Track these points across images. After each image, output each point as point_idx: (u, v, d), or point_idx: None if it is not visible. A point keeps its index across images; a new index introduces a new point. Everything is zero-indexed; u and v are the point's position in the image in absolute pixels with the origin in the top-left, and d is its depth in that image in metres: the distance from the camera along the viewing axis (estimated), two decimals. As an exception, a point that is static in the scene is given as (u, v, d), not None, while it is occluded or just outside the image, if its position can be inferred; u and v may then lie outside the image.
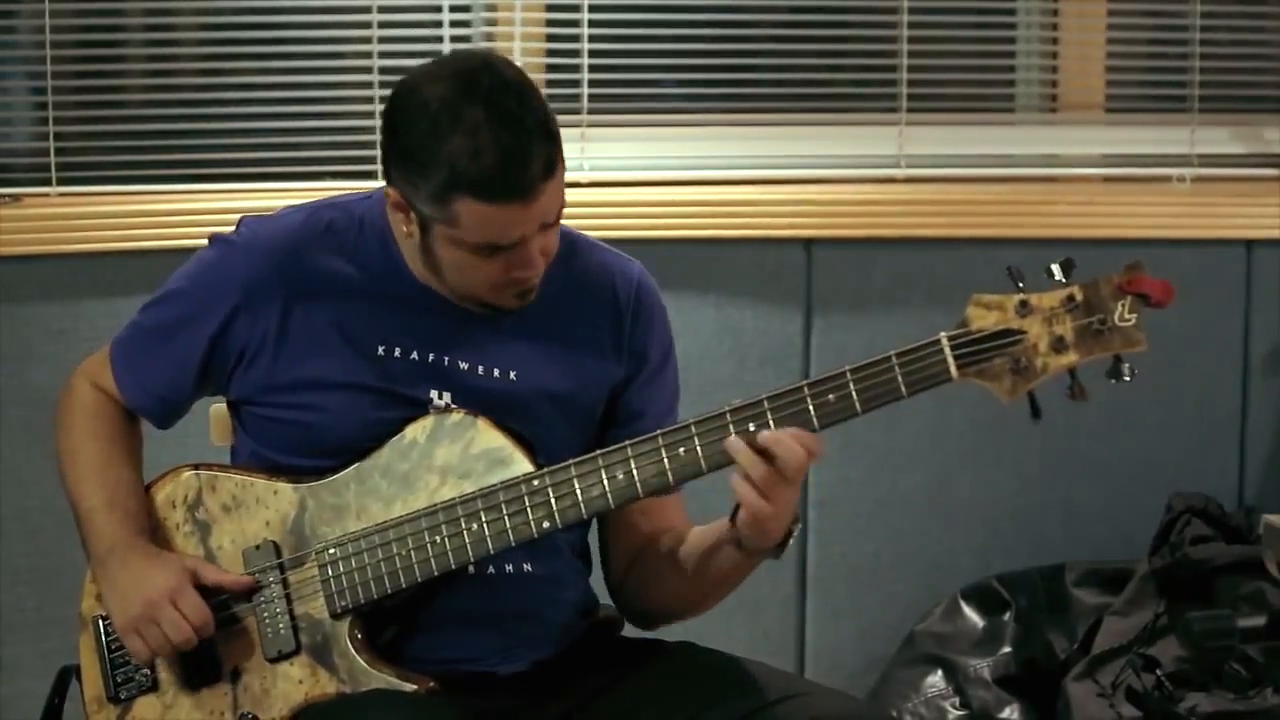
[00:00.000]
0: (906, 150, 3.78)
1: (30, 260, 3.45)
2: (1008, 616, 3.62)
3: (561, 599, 2.47)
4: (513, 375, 2.42)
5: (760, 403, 2.25)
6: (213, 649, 2.40)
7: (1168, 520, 3.56)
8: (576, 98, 3.65)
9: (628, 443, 2.28)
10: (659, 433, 2.27)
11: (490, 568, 2.39)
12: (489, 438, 2.35)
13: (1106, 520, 3.77)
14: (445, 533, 2.33)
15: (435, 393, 2.41)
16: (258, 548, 2.40)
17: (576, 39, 3.66)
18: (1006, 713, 3.51)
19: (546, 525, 2.31)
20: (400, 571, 2.34)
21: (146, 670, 2.44)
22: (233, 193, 3.54)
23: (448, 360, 2.41)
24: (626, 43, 3.69)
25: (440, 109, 2.27)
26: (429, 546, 2.33)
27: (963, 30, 3.87)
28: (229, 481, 2.45)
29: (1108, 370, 2.21)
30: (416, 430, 2.38)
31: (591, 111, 3.67)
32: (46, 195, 3.51)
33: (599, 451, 2.30)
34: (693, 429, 2.26)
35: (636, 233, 3.41)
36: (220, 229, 2.51)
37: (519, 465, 2.33)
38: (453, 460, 2.36)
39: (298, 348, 2.42)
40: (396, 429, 2.38)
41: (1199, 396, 3.81)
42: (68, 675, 2.55)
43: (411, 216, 2.35)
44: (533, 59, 3.65)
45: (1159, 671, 3.31)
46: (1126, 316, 2.19)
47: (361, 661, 2.36)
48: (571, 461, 2.30)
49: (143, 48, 3.66)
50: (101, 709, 2.47)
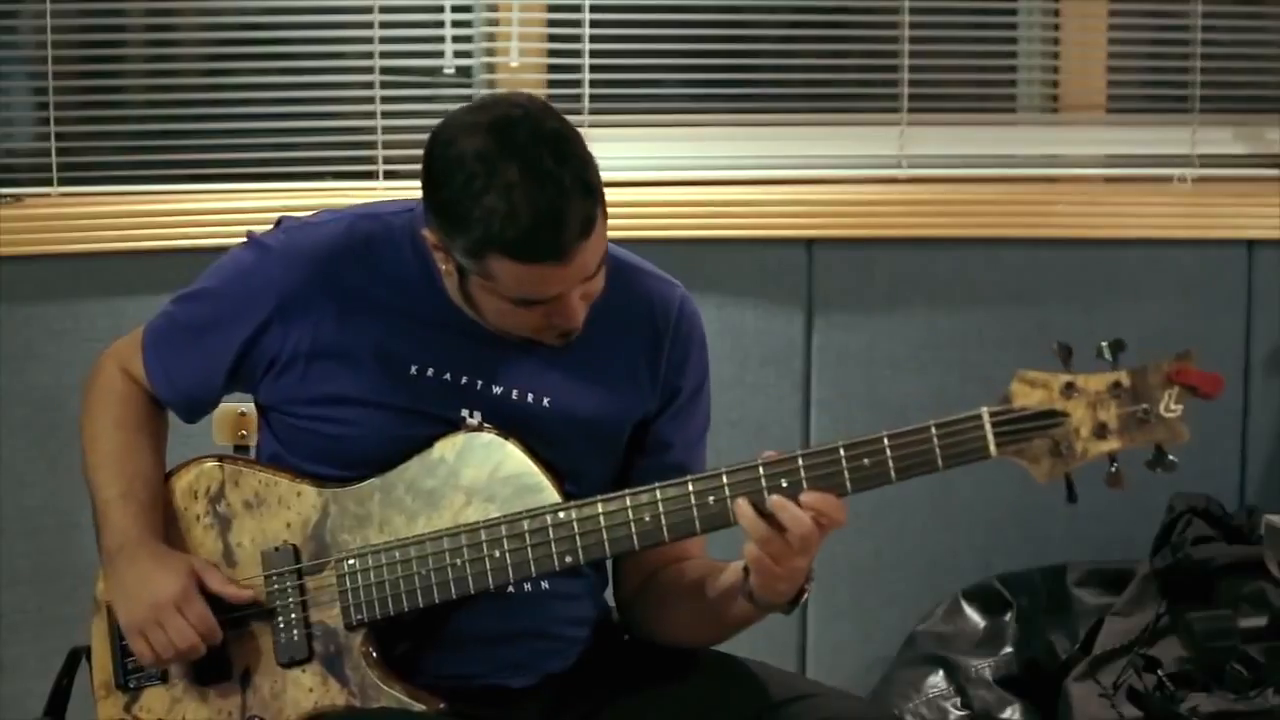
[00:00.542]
0: (908, 150, 3.78)
1: (31, 260, 3.45)
2: (1009, 617, 3.63)
3: (577, 615, 2.46)
4: (546, 401, 2.40)
5: (795, 459, 2.22)
6: (224, 648, 2.39)
7: (1169, 521, 3.55)
8: (577, 98, 3.65)
9: (657, 485, 2.26)
10: (690, 479, 2.25)
11: (510, 587, 2.36)
12: (518, 462, 2.34)
13: (1108, 521, 3.76)
14: (467, 556, 2.31)
15: (466, 411, 2.39)
16: (277, 550, 2.39)
17: (578, 39, 3.66)
18: (1008, 713, 3.51)
19: (569, 560, 2.29)
20: (419, 591, 2.33)
21: (154, 663, 2.44)
22: (234, 193, 3.54)
23: (480, 384, 2.39)
24: (627, 43, 3.68)
25: (476, 165, 2.21)
26: (449, 569, 2.32)
27: (964, 30, 3.87)
28: (253, 478, 2.43)
29: (1148, 460, 2.17)
30: (446, 447, 2.36)
31: (592, 111, 3.66)
32: (48, 195, 3.51)
33: (627, 491, 2.27)
34: (724, 479, 2.23)
35: (638, 232, 3.40)
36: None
37: (546, 494, 2.32)
38: (480, 481, 2.34)
39: (330, 363, 2.39)
40: (426, 446, 2.37)
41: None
42: (77, 657, 2.54)
43: (450, 259, 2.31)
44: (533, 59, 3.65)
45: (1160, 672, 3.31)
46: (1172, 408, 2.15)
47: (373, 676, 2.35)
48: (599, 499, 2.28)
49: (144, 48, 3.65)
50: (109, 695, 2.46)
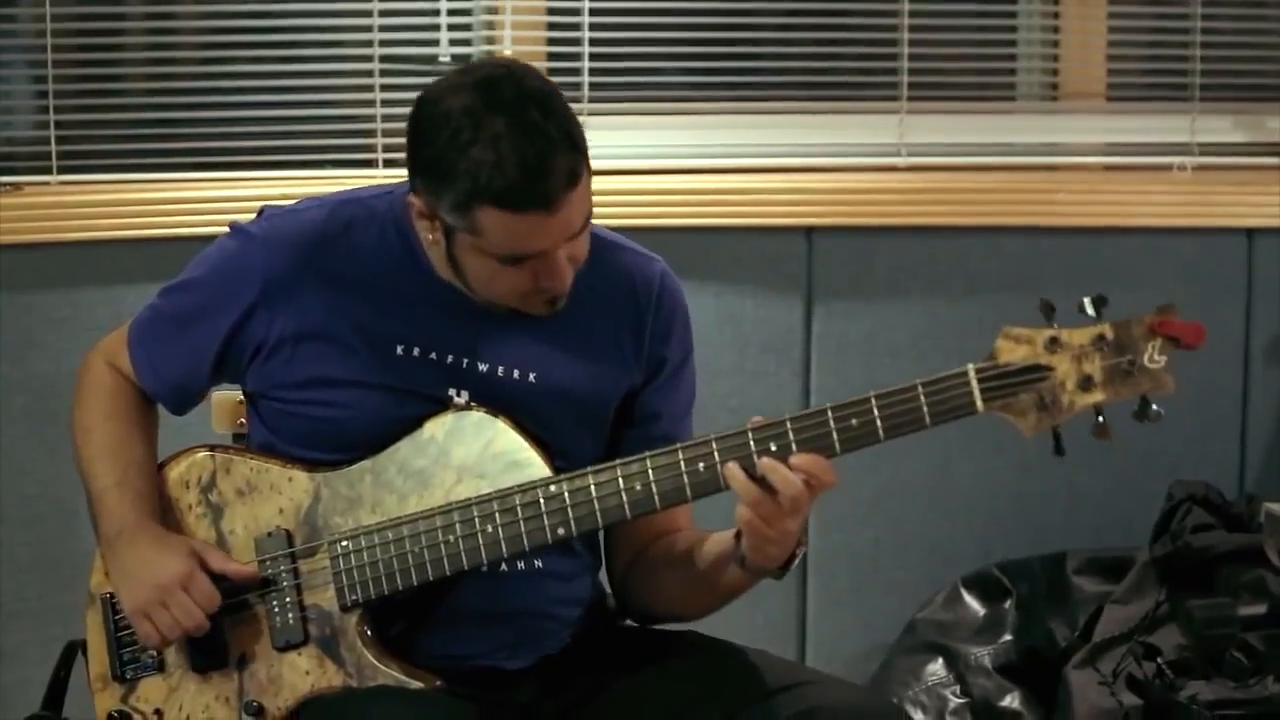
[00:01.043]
0: (907, 138, 3.78)
1: (31, 249, 3.45)
2: (1009, 604, 3.63)
3: (572, 596, 2.47)
4: (532, 377, 2.41)
5: (783, 423, 2.24)
6: (221, 634, 2.40)
7: (1169, 508, 3.55)
8: (577, 86, 3.65)
9: (647, 454, 2.27)
10: (679, 446, 2.26)
11: (502, 565, 2.37)
12: (508, 439, 2.35)
13: (1107, 508, 3.77)
14: (459, 533, 2.32)
15: (454, 391, 2.40)
16: (270, 535, 2.40)
17: (577, 27, 3.65)
18: (1007, 701, 3.51)
19: (561, 533, 2.30)
20: (413, 569, 2.34)
21: (153, 651, 2.44)
22: (233, 181, 3.54)
23: (466, 362, 2.40)
24: (627, 31, 3.68)
25: (462, 119, 2.25)
26: (442, 545, 2.33)
27: (964, 18, 3.87)
28: (244, 465, 2.44)
29: (1134, 411, 2.19)
30: (435, 427, 2.37)
31: (592, 100, 3.66)
32: (47, 184, 3.51)
33: (618, 461, 2.29)
34: (714, 445, 2.25)
35: (637, 221, 3.41)
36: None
37: (536, 469, 2.33)
38: (470, 459, 2.35)
39: (315, 346, 2.41)
40: (415, 427, 2.38)
41: (1200, 385, 3.79)
42: (74, 650, 2.55)
43: (436, 225, 2.33)
44: (533, 47, 3.64)
45: (1160, 659, 3.31)
46: (1156, 358, 2.18)
47: (369, 656, 2.35)
48: (590, 470, 2.29)
49: (143, 36, 3.65)
50: (106, 687, 2.47)
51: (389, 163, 3.57)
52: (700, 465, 2.25)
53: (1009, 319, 3.71)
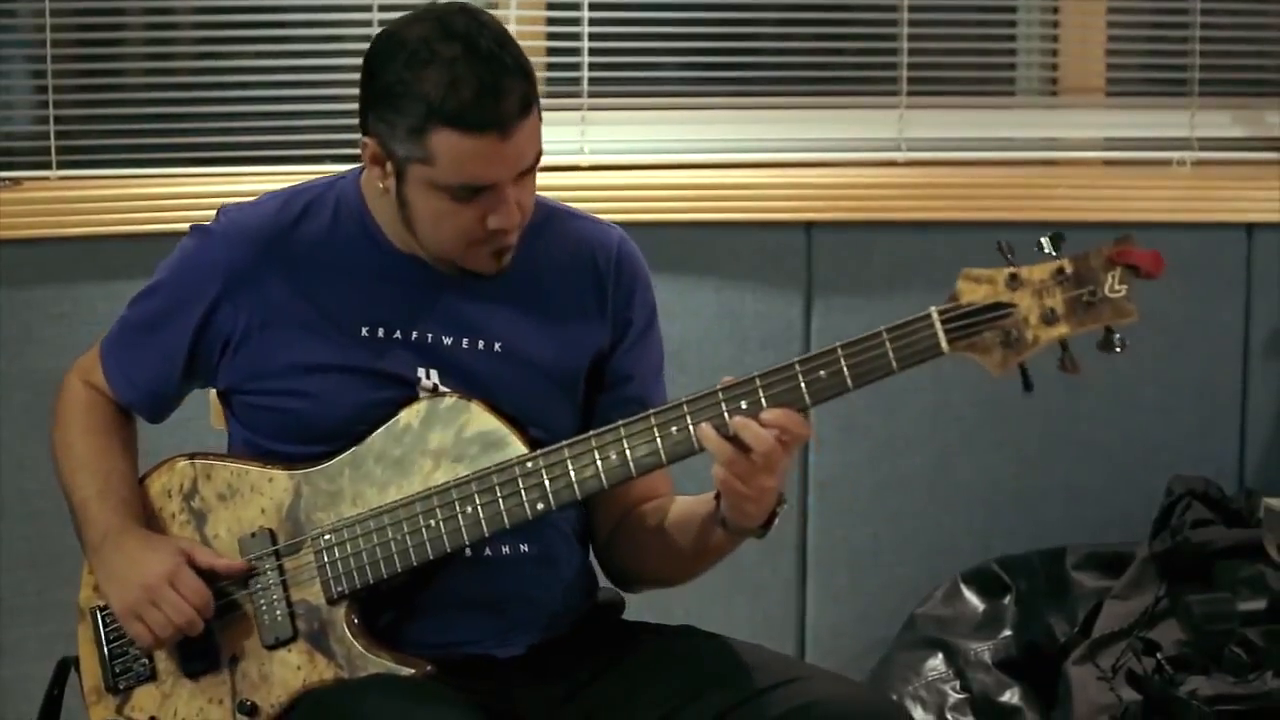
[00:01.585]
0: (907, 133, 3.78)
1: (30, 244, 3.45)
2: (1008, 600, 3.63)
3: (559, 580, 2.47)
4: (498, 346, 2.43)
5: (752, 380, 2.24)
6: (211, 637, 2.40)
7: (1168, 504, 3.56)
8: (577, 81, 3.65)
9: (620, 423, 2.28)
10: (651, 412, 2.27)
11: (487, 550, 2.39)
12: (482, 421, 2.35)
13: (1107, 503, 3.77)
14: (440, 516, 2.33)
15: (423, 370, 2.41)
16: (253, 535, 2.41)
17: (577, 22, 3.65)
18: (1007, 696, 3.51)
19: (540, 507, 2.31)
20: (396, 556, 2.34)
21: (145, 659, 2.45)
22: (232, 176, 3.54)
23: (431, 337, 2.42)
24: (627, 25, 3.68)
25: (418, 45, 2.28)
26: (424, 530, 2.33)
27: (963, 13, 3.87)
28: (224, 470, 2.45)
29: (1099, 342, 2.19)
30: (410, 415, 2.38)
31: (592, 95, 3.66)
32: (46, 178, 3.51)
33: (592, 432, 2.30)
34: (685, 408, 2.26)
35: (637, 216, 3.41)
36: (212, 215, 2.51)
37: (513, 448, 2.33)
38: (446, 444, 2.36)
39: (282, 333, 2.42)
40: (387, 411, 2.39)
41: (1199, 380, 3.81)
42: (66, 667, 2.56)
43: (388, 168, 2.35)
44: (533, 42, 3.64)
45: (1159, 655, 3.31)
46: (1117, 288, 2.18)
47: (359, 647, 2.36)
48: (565, 443, 2.30)
49: (143, 31, 3.65)
50: (100, 699, 2.48)
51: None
52: (673, 429, 2.26)
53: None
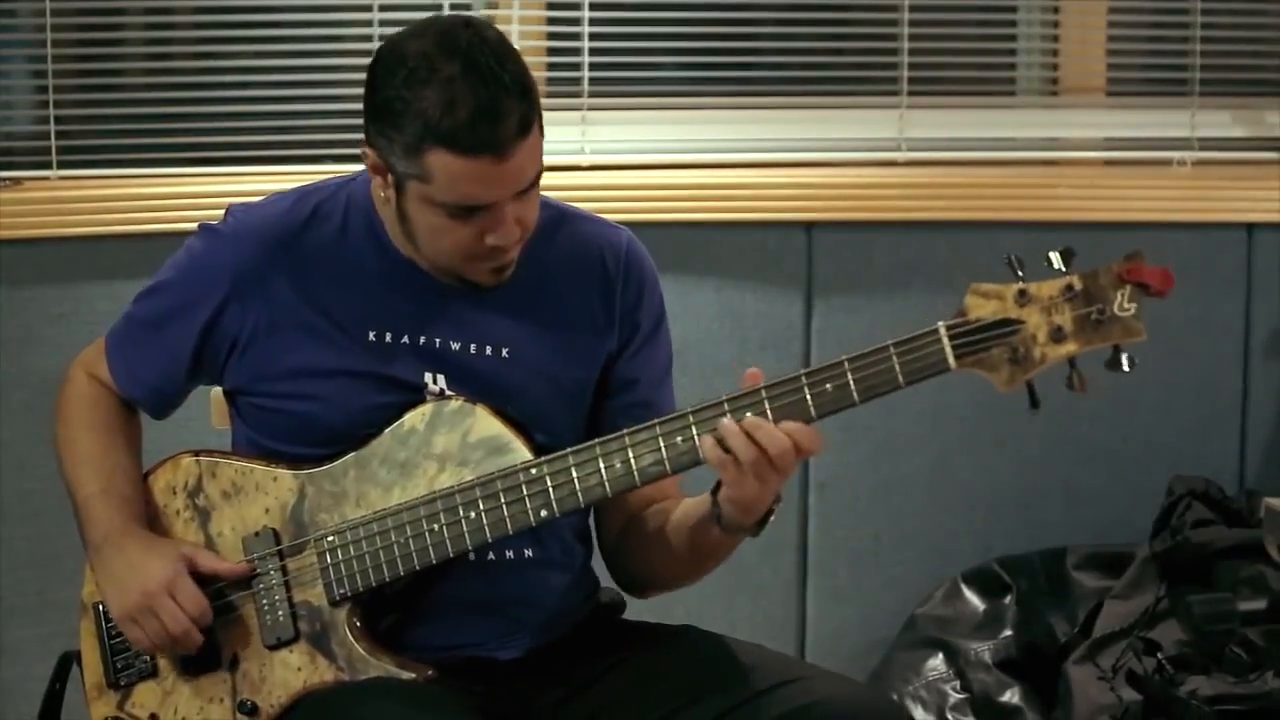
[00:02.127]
0: (907, 133, 3.78)
1: (30, 243, 3.45)
2: (1008, 600, 3.63)
3: (562, 583, 2.47)
4: (505, 353, 2.42)
5: (758, 392, 2.23)
6: (212, 636, 2.40)
7: (1169, 504, 3.56)
8: (577, 81, 3.65)
9: (625, 431, 2.28)
10: (657, 421, 2.27)
11: (490, 554, 2.39)
12: (487, 425, 2.35)
13: (1107, 503, 3.77)
14: (444, 521, 2.33)
15: (430, 376, 2.41)
16: (257, 535, 2.41)
17: (577, 22, 3.65)
18: (1007, 696, 3.51)
19: (544, 514, 2.31)
20: (399, 559, 2.34)
21: (146, 656, 2.45)
22: (233, 176, 3.54)
23: (439, 342, 2.41)
24: (627, 26, 3.68)
25: (418, 62, 2.26)
26: (427, 535, 2.33)
27: (964, 13, 3.86)
28: (229, 468, 2.44)
29: (1107, 360, 2.18)
30: (415, 418, 2.38)
31: (592, 95, 3.66)
32: (47, 178, 3.51)
33: (596, 440, 2.29)
34: (690, 418, 2.25)
35: (637, 216, 3.41)
36: (213, 215, 2.51)
37: (517, 453, 2.33)
38: (452, 448, 2.36)
39: (289, 336, 2.42)
40: (392, 415, 2.38)
41: (1200, 380, 3.81)
42: (68, 662, 2.55)
43: (388, 179, 2.34)
44: (533, 42, 3.64)
45: (1159, 655, 3.31)
46: (1126, 306, 2.17)
47: (360, 650, 2.36)
48: (569, 450, 2.30)
49: (143, 31, 3.65)
50: (102, 695, 2.48)
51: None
52: (679, 439, 2.26)
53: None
